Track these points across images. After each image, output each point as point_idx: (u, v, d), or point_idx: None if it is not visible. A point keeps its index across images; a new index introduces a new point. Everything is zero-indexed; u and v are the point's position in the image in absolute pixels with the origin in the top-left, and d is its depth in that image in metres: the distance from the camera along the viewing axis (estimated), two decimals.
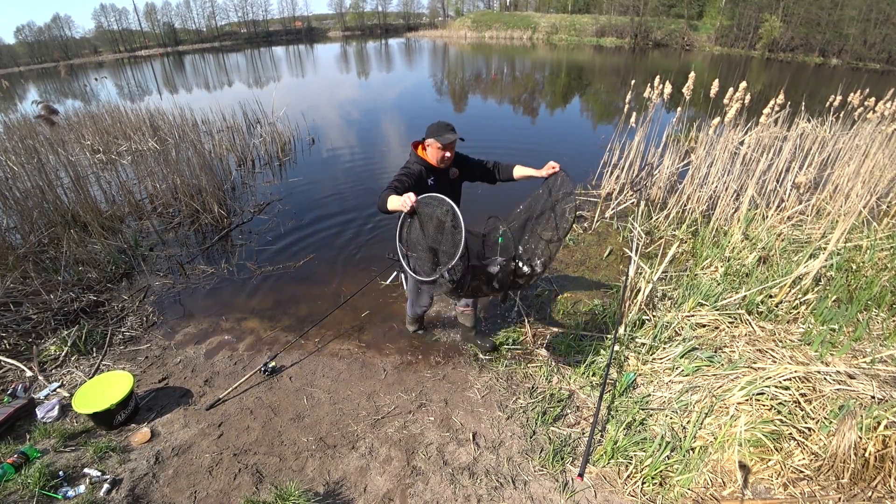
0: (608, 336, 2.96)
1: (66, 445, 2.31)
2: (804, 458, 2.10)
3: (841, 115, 5.71)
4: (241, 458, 2.28)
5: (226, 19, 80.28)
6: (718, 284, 3.27)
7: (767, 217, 4.13)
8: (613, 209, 5.04)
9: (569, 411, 2.50)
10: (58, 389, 2.71)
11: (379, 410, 2.57)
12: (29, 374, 2.82)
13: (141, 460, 2.25)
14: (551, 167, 2.34)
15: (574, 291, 3.67)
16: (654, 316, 3.05)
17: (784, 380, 2.36)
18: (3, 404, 2.52)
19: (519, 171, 2.51)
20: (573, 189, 2.24)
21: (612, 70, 22.65)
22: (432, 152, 2.38)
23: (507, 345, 3.06)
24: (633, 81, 6.04)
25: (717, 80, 4.46)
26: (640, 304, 3.06)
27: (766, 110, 4.56)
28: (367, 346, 3.13)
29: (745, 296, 3.09)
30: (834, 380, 2.35)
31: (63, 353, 2.97)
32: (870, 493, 1.95)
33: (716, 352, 2.73)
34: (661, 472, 2.10)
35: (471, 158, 2.62)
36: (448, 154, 2.37)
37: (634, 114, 5.37)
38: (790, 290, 3.13)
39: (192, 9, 75.94)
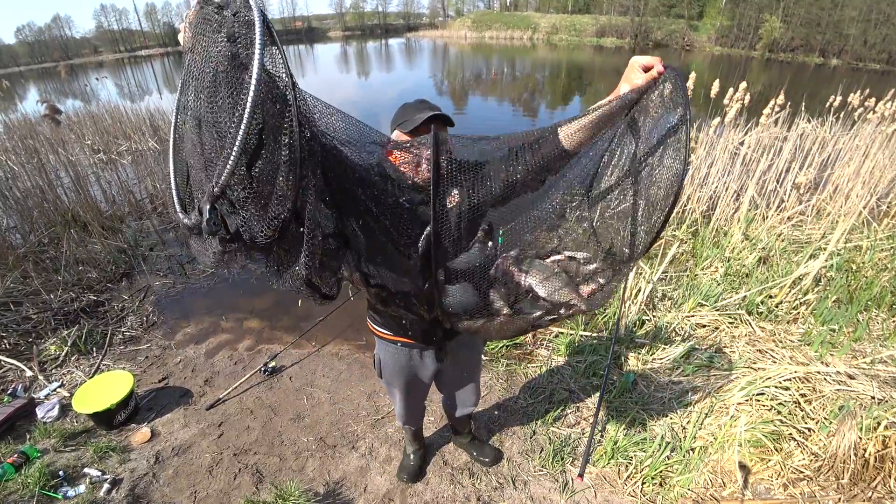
0: (608, 336, 2.96)
1: (66, 445, 2.31)
2: (804, 459, 2.10)
3: (841, 115, 5.70)
4: (241, 457, 2.28)
5: None
6: (718, 285, 3.27)
7: (767, 217, 4.13)
8: (613, 209, 5.03)
9: (569, 411, 2.50)
10: (58, 389, 2.71)
11: (379, 410, 2.56)
12: (29, 373, 2.82)
13: (141, 460, 2.25)
14: (645, 70, 1.01)
15: None
16: (654, 316, 3.06)
17: (784, 380, 2.37)
18: (3, 404, 2.52)
19: (572, 128, 1.08)
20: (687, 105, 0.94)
21: (613, 70, 22.64)
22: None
23: (507, 345, 3.06)
24: None
25: (717, 81, 4.45)
26: (641, 305, 3.07)
27: (766, 111, 4.55)
28: (367, 346, 3.13)
29: (745, 296, 3.09)
30: (834, 380, 2.36)
31: (63, 353, 2.97)
32: (870, 494, 1.96)
33: (716, 352, 2.73)
34: (661, 472, 2.10)
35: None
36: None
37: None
38: (790, 291, 3.13)
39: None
